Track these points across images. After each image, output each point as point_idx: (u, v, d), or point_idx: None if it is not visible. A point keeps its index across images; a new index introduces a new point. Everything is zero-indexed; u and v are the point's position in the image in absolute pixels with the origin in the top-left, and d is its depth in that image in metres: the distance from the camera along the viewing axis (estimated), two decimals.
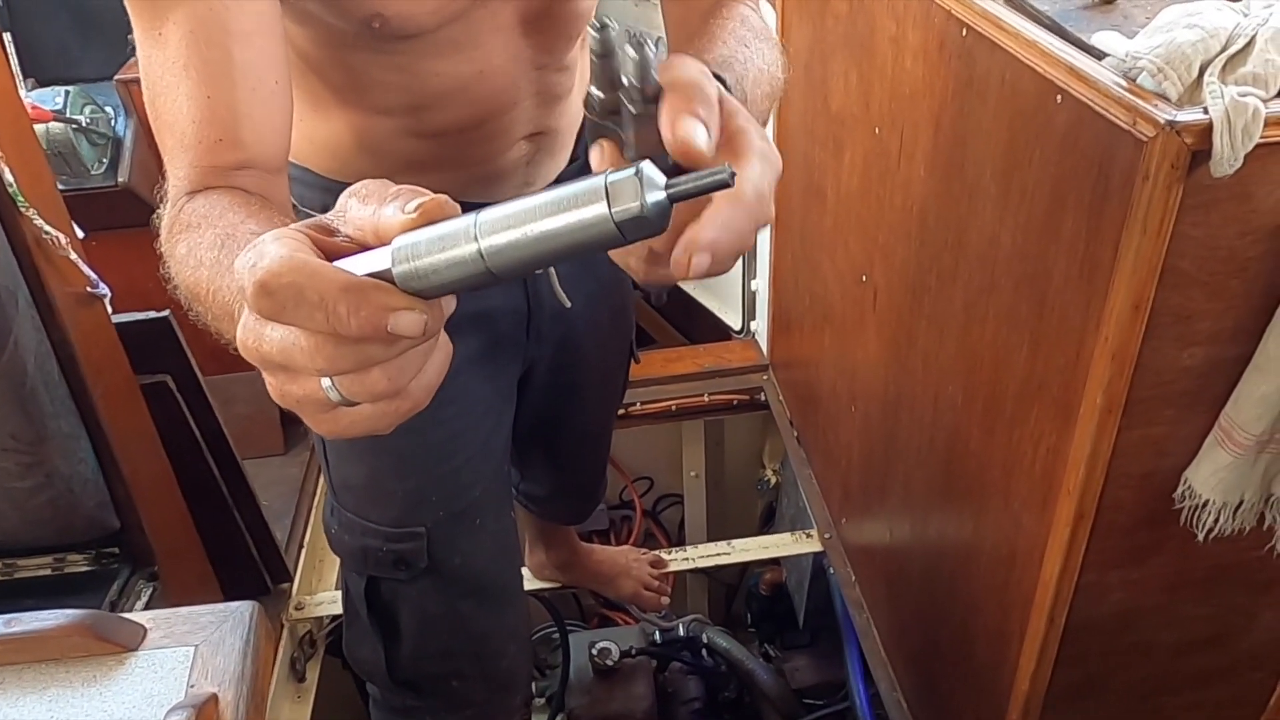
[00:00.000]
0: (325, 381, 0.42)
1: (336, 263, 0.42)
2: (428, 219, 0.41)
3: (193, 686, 0.68)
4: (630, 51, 0.49)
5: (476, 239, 0.40)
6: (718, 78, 0.56)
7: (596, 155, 0.54)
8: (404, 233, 0.41)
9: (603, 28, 0.49)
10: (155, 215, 0.70)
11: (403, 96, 0.90)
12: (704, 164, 0.47)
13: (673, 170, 0.45)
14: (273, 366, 0.43)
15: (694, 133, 0.47)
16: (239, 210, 0.63)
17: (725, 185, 0.42)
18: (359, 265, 0.41)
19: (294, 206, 0.88)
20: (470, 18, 0.84)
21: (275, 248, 0.41)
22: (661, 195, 0.40)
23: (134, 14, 0.70)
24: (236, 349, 0.55)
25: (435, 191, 0.42)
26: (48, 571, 1.22)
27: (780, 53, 0.79)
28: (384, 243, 0.42)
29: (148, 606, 1.23)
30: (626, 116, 0.51)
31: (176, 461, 1.38)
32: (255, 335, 0.42)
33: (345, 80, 0.90)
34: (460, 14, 0.83)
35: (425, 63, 0.87)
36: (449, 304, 0.42)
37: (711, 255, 0.49)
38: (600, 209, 0.39)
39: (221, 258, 0.58)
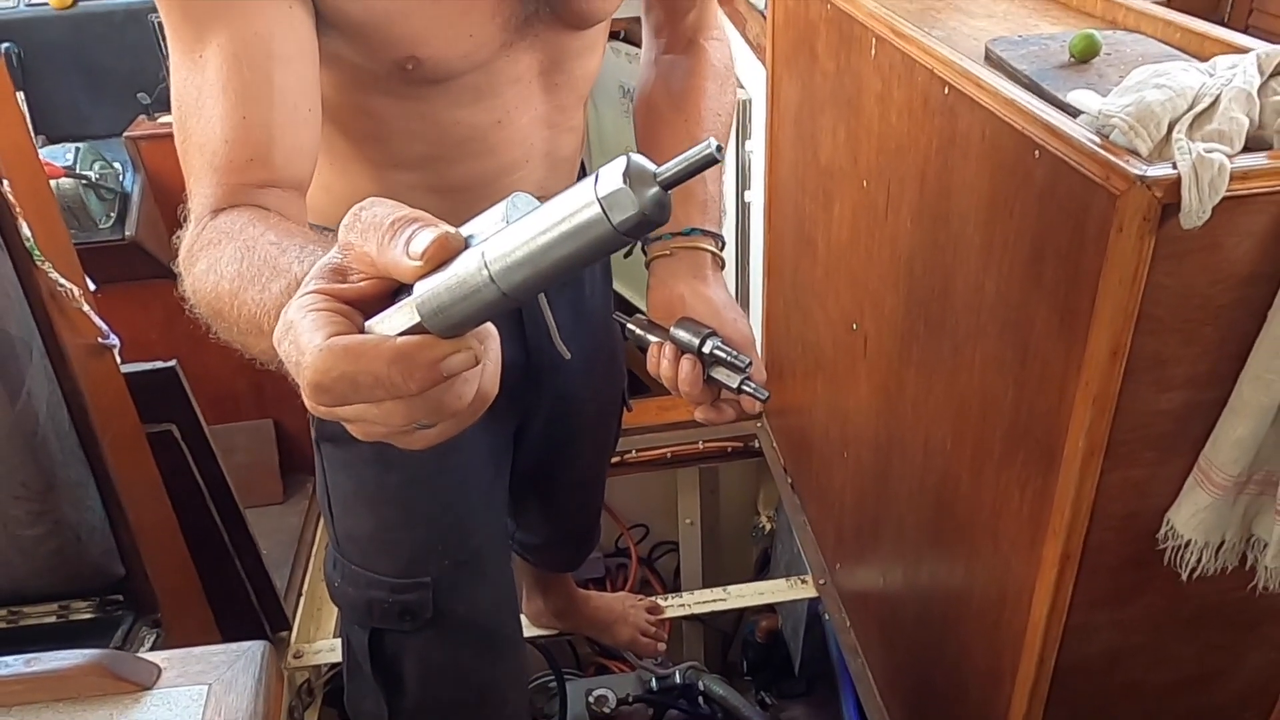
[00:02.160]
0: None
1: (369, 324, 0.44)
2: (434, 263, 0.43)
3: None
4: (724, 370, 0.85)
5: (489, 273, 0.41)
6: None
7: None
8: (419, 278, 0.43)
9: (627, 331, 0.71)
10: (175, 237, 0.71)
11: (423, 146, 0.93)
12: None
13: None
14: (349, 423, 0.46)
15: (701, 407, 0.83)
16: (259, 224, 0.65)
17: (714, 161, 0.41)
18: (391, 324, 0.43)
19: None
20: (492, 66, 0.88)
21: (310, 337, 0.42)
22: (654, 188, 0.40)
23: (174, 37, 0.72)
24: (263, 362, 0.59)
25: None
26: (53, 619, 1.23)
27: (734, 83, 1.02)
28: (397, 278, 0.44)
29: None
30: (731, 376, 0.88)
31: (180, 509, 1.40)
32: (328, 411, 0.44)
33: (367, 129, 0.92)
34: (487, 60, 0.87)
35: (447, 111, 0.90)
36: (487, 327, 0.45)
37: None
38: (600, 224, 0.40)
39: (244, 270, 0.60)
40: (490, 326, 0.46)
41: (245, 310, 0.59)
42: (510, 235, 0.41)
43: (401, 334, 0.43)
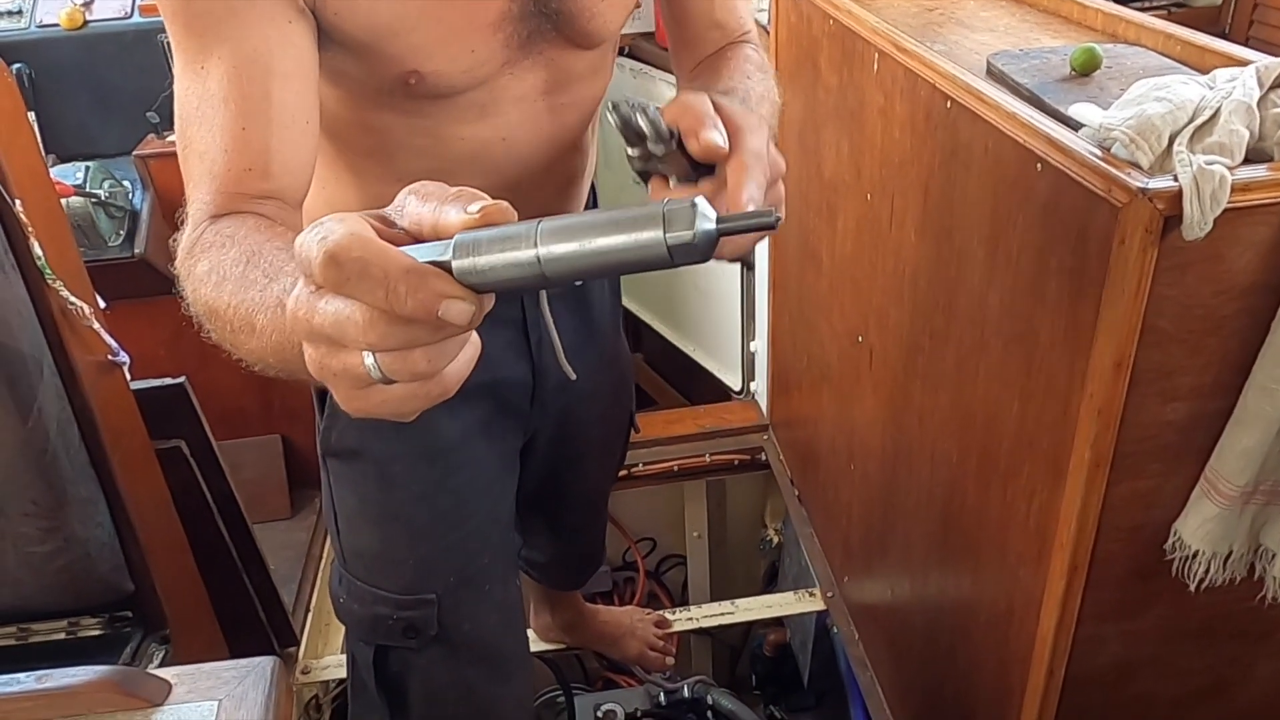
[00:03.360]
0: (369, 359, 0.44)
1: (402, 249, 0.45)
2: (488, 221, 0.44)
3: None
4: (639, 116, 0.64)
5: (536, 244, 0.43)
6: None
7: (653, 186, 0.69)
8: (464, 230, 0.44)
9: (615, 106, 0.58)
10: (172, 240, 0.72)
11: (427, 162, 0.93)
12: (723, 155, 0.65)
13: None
14: (319, 338, 0.45)
15: (713, 138, 0.64)
16: (264, 232, 0.66)
17: (770, 227, 0.47)
18: (420, 253, 0.44)
19: None
20: (496, 83, 0.89)
21: (343, 226, 0.44)
22: (711, 226, 0.45)
23: (178, 47, 0.74)
24: (245, 361, 0.61)
25: None
26: (62, 635, 1.23)
27: (777, 82, 0.93)
28: (441, 238, 0.45)
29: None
30: (656, 160, 0.66)
31: (188, 525, 1.41)
32: (308, 307, 0.44)
33: (372, 145, 0.93)
34: (489, 77, 0.88)
35: (451, 127, 0.91)
36: (488, 302, 0.45)
37: (754, 199, 0.64)
38: (656, 233, 0.43)
39: (247, 273, 0.61)
40: (476, 338, 0.47)
41: (241, 310, 0.60)
42: (568, 218, 0.44)
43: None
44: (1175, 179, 0.74)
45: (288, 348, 0.56)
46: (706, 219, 0.44)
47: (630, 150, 0.66)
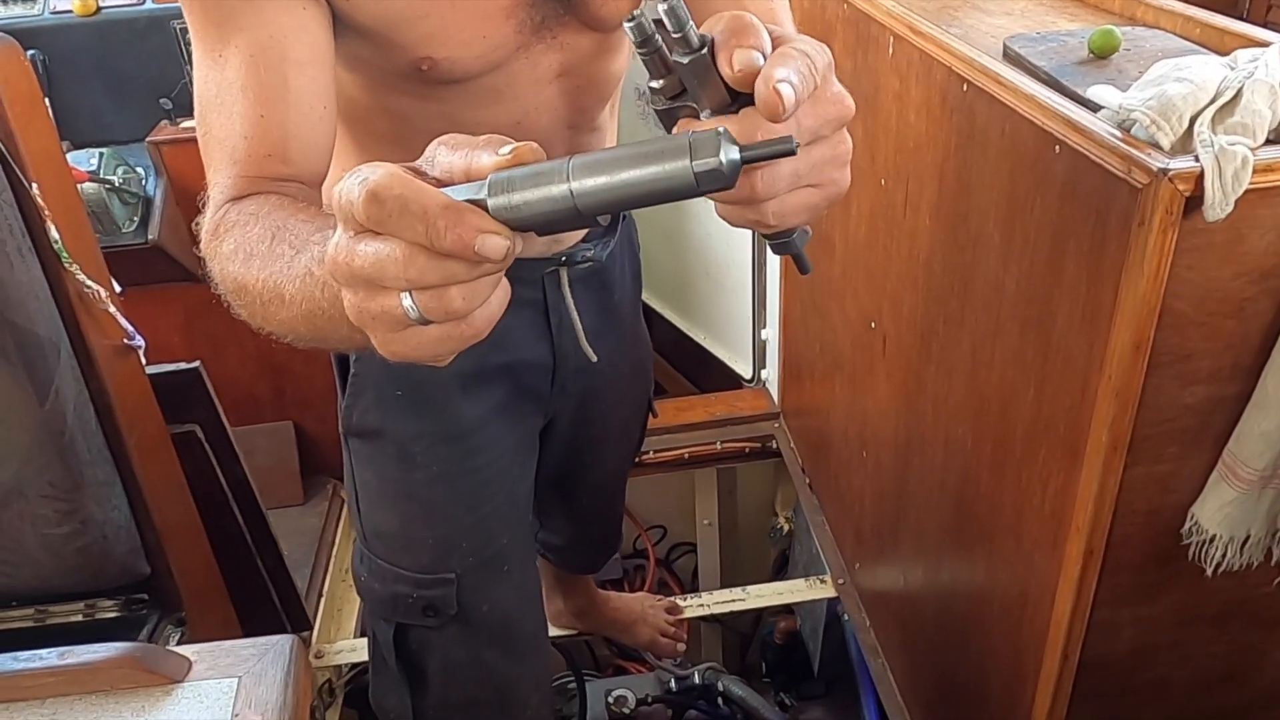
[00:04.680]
0: (406, 300, 0.46)
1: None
2: (520, 161, 0.46)
3: (237, 715, 0.71)
4: (660, 8, 0.51)
5: (569, 179, 0.45)
6: None
7: (680, 128, 0.56)
8: (497, 171, 0.46)
9: (632, 18, 0.51)
10: (195, 223, 0.73)
11: None
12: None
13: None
14: (359, 281, 0.47)
15: (753, 60, 0.51)
16: (287, 208, 0.68)
17: (790, 152, 0.47)
18: (456, 194, 0.46)
19: None
20: (510, 67, 0.89)
21: (382, 168, 0.45)
22: (736, 154, 0.46)
23: (196, 36, 0.75)
24: (275, 334, 0.62)
25: None
26: (79, 617, 1.24)
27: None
28: (478, 174, 0.46)
29: None
30: (682, 74, 0.53)
31: (203, 509, 1.41)
32: (348, 251, 0.46)
33: (390, 130, 0.94)
34: (503, 61, 0.88)
35: (467, 110, 0.91)
36: (520, 241, 0.47)
37: (790, 86, 0.49)
38: (683, 162, 0.45)
39: (274, 247, 0.62)
40: (505, 282, 0.48)
41: (270, 283, 0.61)
42: (599, 153, 0.46)
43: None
44: (1196, 159, 0.73)
45: (318, 315, 0.57)
46: (732, 146, 0.45)
47: (652, 83, 0.55)
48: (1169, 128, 0.77)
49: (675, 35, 0.52)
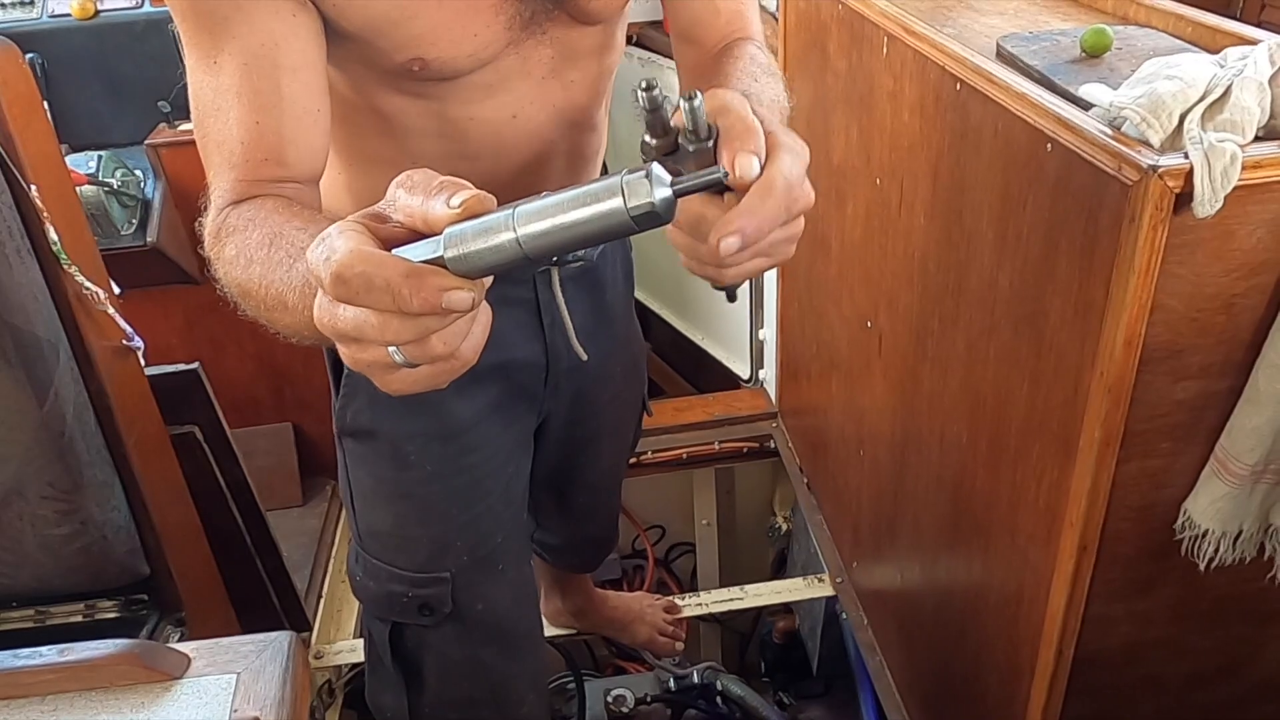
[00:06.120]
0: (392, 349, 0.50)
1: (395, 251, 0.49)
2: (469, 214, 0.49)
3: (236, 711, 0.71)
4: (684, 105, 0.57)
5: (514, 229, 0.48)
6: None
7: None
8: (451, 224, 0.49)
9: (649, 88, 0.56)
10: (197, 224, 0.76)
11: (439, 144, 0.94)
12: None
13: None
14: (345, 339, 0.51)
15: (751, 167, 0.57)
16: (283, 213, 0.70)
17: (720, 184, 0.52)
18: (414, 253, 0.49)
19: None
20: (502, 64, 0.89)
21: (343, 241, 0.48)
22: (668, 191, 0.49)
23: (190, 43, 0.76)
24: (282, 334, 0.65)
25: None
26: (79, 618, 1.25)
27: (784, 85, 0.89)
28: (432, 230, 0.49)
29: None
30: (685, 154, 0.59)
31: (203, 510, 1.42)
32: (330, 314, 0.50)
33: (383, 128, 0.94)
34: (494, 58, 0.88)
35: (460, 107, 0.92)
36: (486, 282, 0.50)
37: (740, 237, 0.57)
38: (617, 203, 0.47)
39: (272, 254, 0.65)
40: (486, 307, 0.51)
41: (273, 290, 0.64)
42: (540, 200, 0.49)
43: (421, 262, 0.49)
44: (1186, 156, 0.74)
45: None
46: (663, 184, 0.48)
47: (648, 139, 0.58)
48: (1159, 125, 0.78)
49: (689, 129, 0.57)
